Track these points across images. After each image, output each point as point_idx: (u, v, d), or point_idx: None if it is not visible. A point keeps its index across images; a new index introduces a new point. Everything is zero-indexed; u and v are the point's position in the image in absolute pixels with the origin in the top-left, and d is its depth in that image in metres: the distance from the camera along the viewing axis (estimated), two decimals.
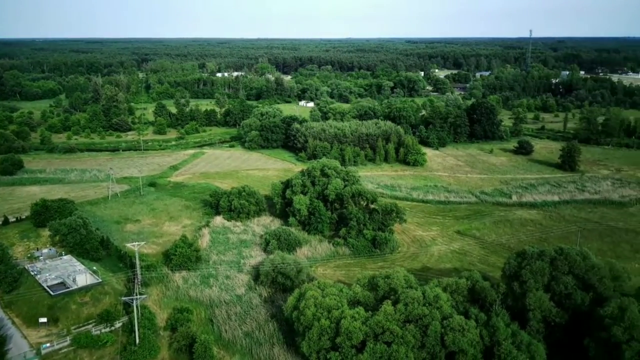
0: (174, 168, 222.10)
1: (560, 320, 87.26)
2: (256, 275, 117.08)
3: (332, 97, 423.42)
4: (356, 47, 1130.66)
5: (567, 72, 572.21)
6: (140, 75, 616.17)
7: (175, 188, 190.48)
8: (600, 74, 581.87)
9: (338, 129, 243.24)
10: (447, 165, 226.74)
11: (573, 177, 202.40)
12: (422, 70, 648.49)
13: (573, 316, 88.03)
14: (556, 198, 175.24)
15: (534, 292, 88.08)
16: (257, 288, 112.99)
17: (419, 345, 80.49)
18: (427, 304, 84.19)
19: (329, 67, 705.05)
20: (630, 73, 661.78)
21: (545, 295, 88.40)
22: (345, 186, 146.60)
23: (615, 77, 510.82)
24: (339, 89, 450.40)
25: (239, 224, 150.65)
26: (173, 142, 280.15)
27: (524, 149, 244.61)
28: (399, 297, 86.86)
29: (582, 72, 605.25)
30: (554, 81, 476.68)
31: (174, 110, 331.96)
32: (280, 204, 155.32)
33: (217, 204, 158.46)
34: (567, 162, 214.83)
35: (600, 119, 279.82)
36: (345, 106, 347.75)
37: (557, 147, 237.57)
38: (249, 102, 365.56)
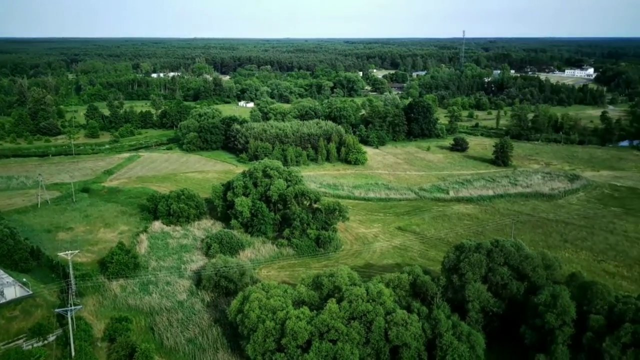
0: (108, 172, 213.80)
1: (498, 310, 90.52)
2: (198, 280, 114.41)
3: (272, 97, 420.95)
4: (295, 47, 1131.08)
5: (499, 71, 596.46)
6: (70, 76, 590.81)
7: (110, 193, 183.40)
8: (529, 73, 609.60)
9: (279, 129, 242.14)
10: (387, 163, 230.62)
11: (506, 172, 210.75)
12: (360, 71, 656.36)
13: (509, 305, 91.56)
14: (491, 192, 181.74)
15: (472, 284, 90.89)
16: (199, 293, 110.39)
17: (364, 341, 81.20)
18: (370, 300, 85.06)
19: (269, 67, 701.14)
20: (557, 72, 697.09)
21: (483, 286, 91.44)
22: (288, 186, 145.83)
23: (543, 76, 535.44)
24: (279, 89, 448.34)
25: (178, 228, 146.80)
26: (107, 146, 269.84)
27: (459, 146, 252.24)
28: (343, 294, 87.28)
29: (512, 71, 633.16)
30: (486, 80, 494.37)
31: (107, 112, 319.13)
32: (221, 206, 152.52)
33: (155, 208, 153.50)
34: (500, 158, 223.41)
35: (530, 116, 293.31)
36: (286, 106, 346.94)
37: (490, 144, 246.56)
38: (186, 103, 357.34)
